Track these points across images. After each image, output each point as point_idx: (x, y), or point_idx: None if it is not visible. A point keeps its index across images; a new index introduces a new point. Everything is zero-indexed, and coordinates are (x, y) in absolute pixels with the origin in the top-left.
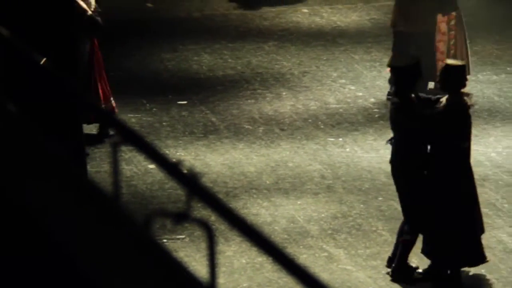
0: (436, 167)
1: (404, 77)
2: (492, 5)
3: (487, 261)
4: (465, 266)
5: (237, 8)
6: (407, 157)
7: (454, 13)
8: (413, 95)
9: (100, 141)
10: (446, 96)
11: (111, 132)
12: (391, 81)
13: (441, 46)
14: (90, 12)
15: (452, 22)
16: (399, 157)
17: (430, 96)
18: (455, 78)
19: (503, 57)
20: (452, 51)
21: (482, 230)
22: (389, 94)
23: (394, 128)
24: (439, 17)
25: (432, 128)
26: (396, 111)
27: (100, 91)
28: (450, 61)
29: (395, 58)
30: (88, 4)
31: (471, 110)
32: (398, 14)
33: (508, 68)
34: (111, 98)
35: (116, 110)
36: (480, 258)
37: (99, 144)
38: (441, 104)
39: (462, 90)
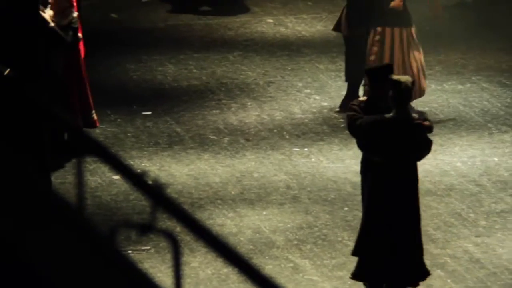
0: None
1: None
2: (456, 15)
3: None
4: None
5: (201, 18)
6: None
7: (379, 29)
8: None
9: (65, 152)
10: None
11: (75, 144)
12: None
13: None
14: (52, 24)
15: (376, 38)
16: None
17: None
18: (400, 93)
19: (468, 66)
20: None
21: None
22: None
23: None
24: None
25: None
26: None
27: (84, 102)
28: (395, 77)
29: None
30: (61, 15)
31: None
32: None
33: (473, 78)
34: (93, 111)
35: (97, 124)
36: (422, 275)
37: (63, 155)
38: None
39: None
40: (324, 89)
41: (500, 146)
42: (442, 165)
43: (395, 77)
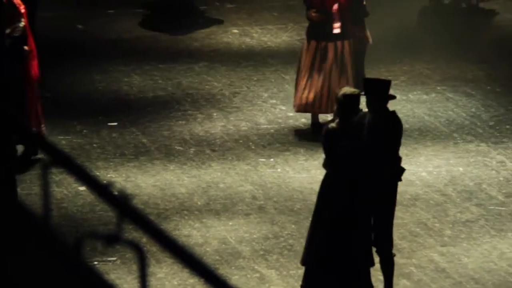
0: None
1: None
2: (421, 24)
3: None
4: None
5: (167, 29)
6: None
7: (323, 43)
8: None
9: (31, 163)
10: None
11: (40, 155)
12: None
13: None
14: None
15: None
16: None
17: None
18: (346, 106)
19: (433, 76)
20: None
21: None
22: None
23: None
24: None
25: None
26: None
27: (34, 114)
28: (344, 89)
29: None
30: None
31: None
32: None
33: (438, 87)
34: (43, 124)
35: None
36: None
37: (29, 166)
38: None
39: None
40: (290, 100)
41: (465, 155)
42: (408, 175)
43: (343, 89)
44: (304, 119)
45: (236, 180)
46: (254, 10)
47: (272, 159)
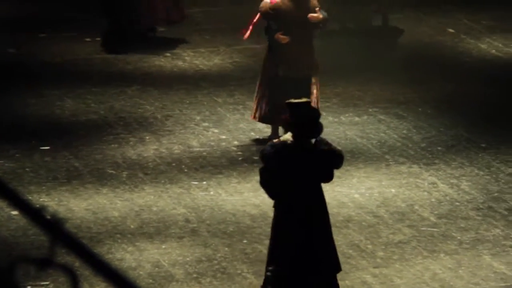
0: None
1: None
2: (352, 47)
3: None
4: None
5: (99, 52)
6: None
7: None
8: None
9: None
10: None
11: None
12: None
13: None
14: None
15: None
16: None
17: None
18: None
19: (365, 98)
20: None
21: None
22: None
23: None
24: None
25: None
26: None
27: None
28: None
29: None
30: None
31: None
32: None
33: (370, 110)
34: None
35: None
36: None
37: None
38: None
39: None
40: (222, 122)
41: (397, 177)
42: (340, 196)
43: (293, 100)
44: (237, 142)
45: (169, 203)
46: (186, 33)
47: (204, 182)
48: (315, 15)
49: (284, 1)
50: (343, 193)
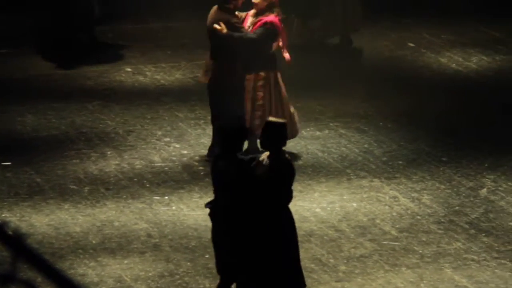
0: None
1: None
2: (313, 62)
3: None
4: None
5: (60, 68)
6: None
7: (262, 74)
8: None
9: None
10: (266, 154)
11: None
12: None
13: (247, 105)
14: None
15: (260, 83)
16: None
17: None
18: (275, 135)
19: (326, 113)
20: (259, 112)
21: None
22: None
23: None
24: (247, 76)
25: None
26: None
27: None
28: (271, 119)
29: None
30: None
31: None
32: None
33: (331, 124)
34: None
35: None
36: None
37: None
38: (264, 163)
39: (283, 148)
40: (184, 137)
41: (359, 191)
42: (302, 211)
43: (270, 118)
44: (198, 157)
45: (131, 219)
46: (147, 48)
47: (166, 197)
48: (218, 27)
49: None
50: (305, 207)
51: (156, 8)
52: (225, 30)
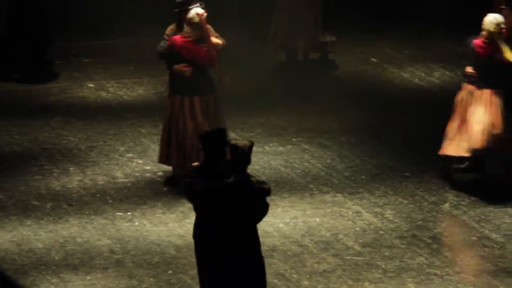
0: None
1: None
2: (276, 77)
3: None
4: None
5: (22, 84)
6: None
7: (179, 96)
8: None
9: None
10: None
11: None
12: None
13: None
14: None
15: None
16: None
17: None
18: (238, 158)
19: (288, 128)
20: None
21: None
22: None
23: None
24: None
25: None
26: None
27: None
28: (233, 141)
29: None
30: None
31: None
32: None
33: (294, 139)
34: None
35: None
36: None
37: None
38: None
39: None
40: (147, 153)
41: (322, 206)
42: (265, 226)
43: (233, 141)
44: (161, 172)
45: (94, 234)
46: (110, 64)
47: (129, 213)
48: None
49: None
50: (268, 222)
51: (118, 23)
52: (220, 42)
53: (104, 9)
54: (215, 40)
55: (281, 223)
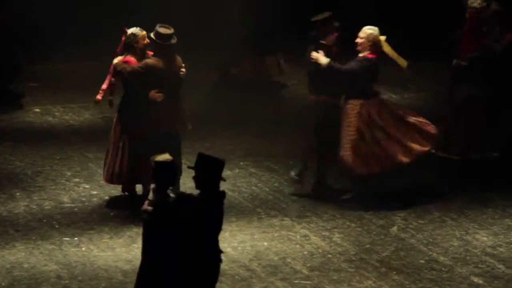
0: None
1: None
2: (223, 101)
3: None
4: None
5: None
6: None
7: None
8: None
9: None
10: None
11: None
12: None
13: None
14: None
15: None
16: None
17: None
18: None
19: (236, 152)
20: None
21: None
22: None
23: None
24: None
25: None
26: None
27: None
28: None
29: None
30: None
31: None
32: None
33: (241, 163)
34: None
35: None
36: None
37: None
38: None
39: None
40: (93, 178)
41: (270, 230)
42: None
43: (156, 158)
44: (107, 197)
45: (41, 260)
46: (57, 88)
47: (76, 238)
48: (185, 71)
49: (156, 59)
50: None
51: (65, 48)
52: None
53: (52, 34)
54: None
55: (229, 247)
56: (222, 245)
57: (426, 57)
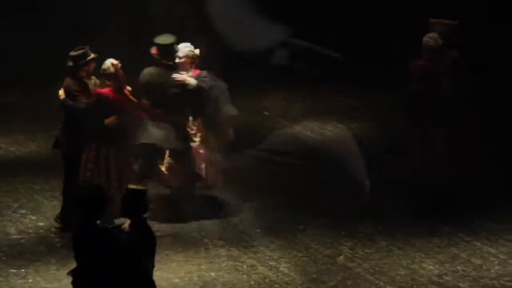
0: None
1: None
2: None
3: None
4: None
5: None
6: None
7: (94, 146)
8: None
9: None
10: (127, 221)
11: None
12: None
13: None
14: None
15: (92, 154)
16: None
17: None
18: (135, 203)
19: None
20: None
21: None
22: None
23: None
24: None
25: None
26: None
27: None
28: (130, 186)
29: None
30: None
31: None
32: None
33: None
34: None
35: None
36: None
37: None
38: (125, 230)
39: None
40: (40, 209)
41: (217, 261)
42: (160, 281)
43: (130, 186)
44: (55, 229)
45: None
46: (2, 120)
47: (23, 270)
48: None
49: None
50: (163, 277)
51: (12, 79)
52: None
53: None
54: (128, 88)
55: (176, 278)
56: (169, 276)
57: (372, 86)
